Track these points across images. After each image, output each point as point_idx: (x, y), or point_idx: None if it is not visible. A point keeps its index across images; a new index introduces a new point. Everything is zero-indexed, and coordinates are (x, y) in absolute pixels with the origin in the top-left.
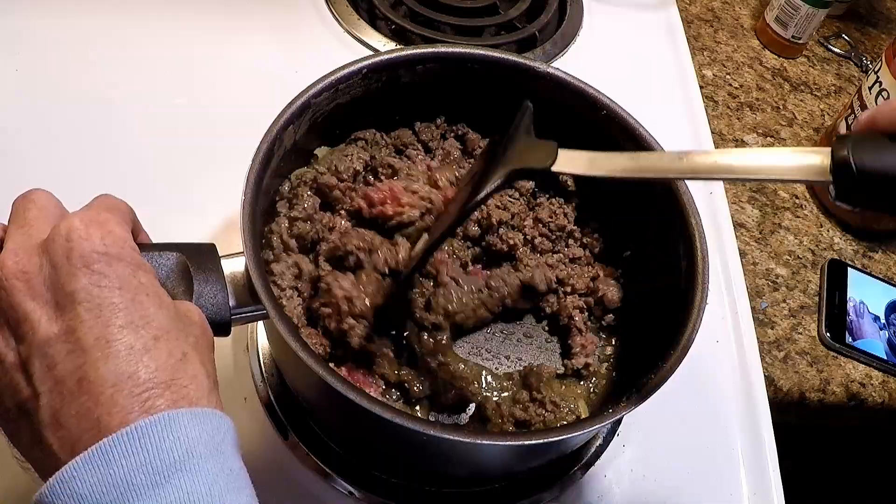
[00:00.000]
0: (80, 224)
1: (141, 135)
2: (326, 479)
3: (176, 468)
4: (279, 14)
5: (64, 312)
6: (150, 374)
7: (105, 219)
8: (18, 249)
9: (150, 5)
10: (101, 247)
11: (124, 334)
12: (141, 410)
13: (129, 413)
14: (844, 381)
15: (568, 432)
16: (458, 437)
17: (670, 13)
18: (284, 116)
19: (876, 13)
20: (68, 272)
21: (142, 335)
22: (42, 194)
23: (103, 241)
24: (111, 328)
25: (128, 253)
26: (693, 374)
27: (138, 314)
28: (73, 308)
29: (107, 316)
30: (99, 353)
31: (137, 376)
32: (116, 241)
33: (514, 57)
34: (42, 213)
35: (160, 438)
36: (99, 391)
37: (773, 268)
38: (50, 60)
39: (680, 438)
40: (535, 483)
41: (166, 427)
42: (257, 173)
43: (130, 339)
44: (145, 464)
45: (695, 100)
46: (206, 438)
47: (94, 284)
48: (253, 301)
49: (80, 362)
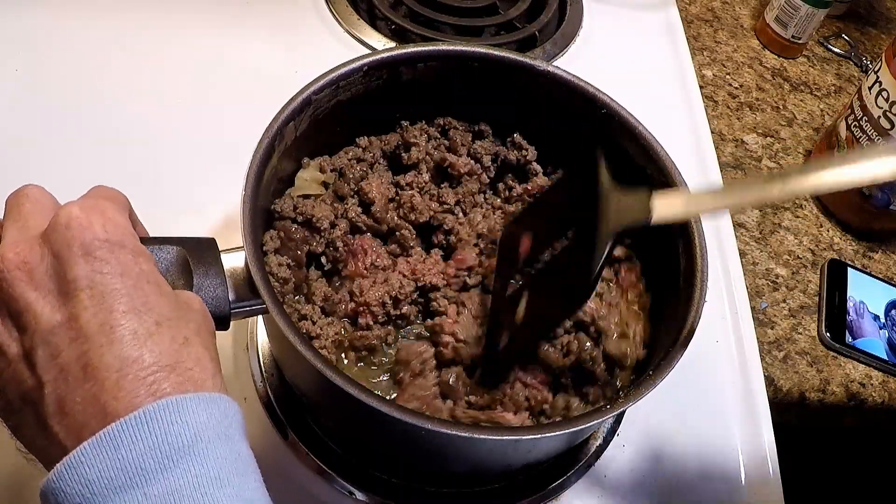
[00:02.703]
0: (79, 212)
1: (141, 134)
2: (326, 479)
3: (185, 452)
4: (279, 14)
5: (67, 300)
6: (154, 358)
7: (104, 206)
8: (18, 241)
9: (150, 5)
10: (103, 234)
11: (127, 319)
12: (147, 394)
13: (135, 397)
14: (844, 381)
15: (565, 428)
16: (456, 432)
17: (670, 13)
18: (286, 112)
19: (876, 13)
20: (70, 260)
21: (144, 320)
22: (34, 189)
23: (104, 229)
24: (114, 314)
25: (129, 240)
26: (693, 374)
27: (140, 300)
28: (75, 295)
29: (109, 302)
30: (103, 338)
31: (142, 360)
32: (117, 228)
33: (514, 55)
34: (36, 207)
35: (169, 422)
36: (104, 377)
37: (773, 268)
38: (50, 60)
39: (680, 438)
40: (535, 483)
41: (175, 411)
42: (258, 169)
43: (134, 325)
44: (154, 448)
45: (695, 100)
46: (214, 423)
47: (97, 271)
48: (252, 295)
49: (85, 349)
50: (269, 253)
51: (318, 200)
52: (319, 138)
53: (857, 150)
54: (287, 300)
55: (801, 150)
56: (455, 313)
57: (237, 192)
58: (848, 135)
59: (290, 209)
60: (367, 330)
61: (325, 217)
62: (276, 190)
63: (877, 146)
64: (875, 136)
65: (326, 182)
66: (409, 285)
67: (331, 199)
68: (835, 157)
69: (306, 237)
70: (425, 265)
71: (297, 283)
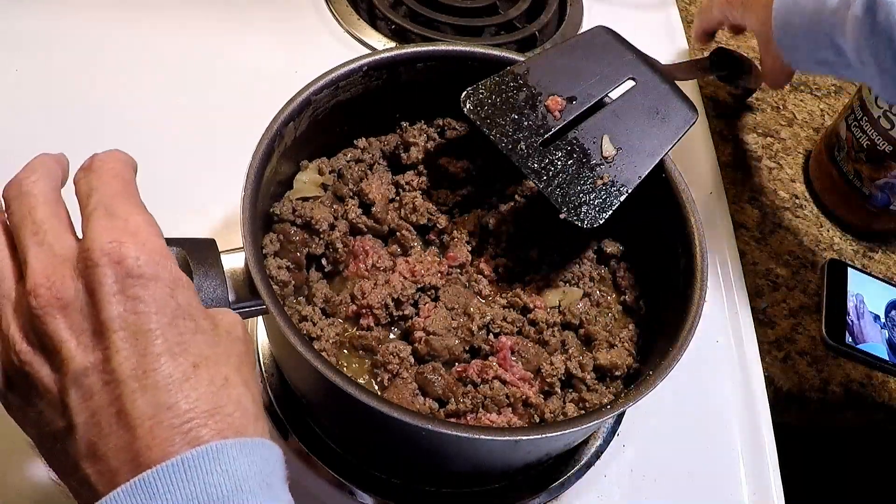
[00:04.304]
0: (110, 245)
1: (141, 134)
2: (326, 479)
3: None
4: (279, 14)
5: (100, 341)
6: (191, 404)
7: (135, 227)
8: (49, 272)
9: (150, 6)
10: (136, 269)
11: (161, 363)
12: (183, 442)
13: (170, 445)
14: (844, 381)
15: (565, 428)
16: (457, 432)
17: (670, 13)
18: (285, 113)
19: None
20: (103, 300)
21: (180, 363)
22: (38, 185)
23: (137, 262)
24: (148, 357)
25: (163, 270)
26: (693, 374)
27: (176, 340)
28: (108, 337)
29: (143, 344)
30: (136, 384)
31: (178, 407)
32: (151, 256)
33: (514, 55)
34: (50, 210)
35: (207, 471)
36: (136, 424)
37: (773, 268)
38: (50, 60)
39: (680, 438)
40: (535, 483)
41: (214, 459)
42: (257, 169)
43: (169, 368)
44: (191, 499)
45: (695, 99)
46: (255, 471)
47: (130, 311)
48: (252, 296)
49: (117, 394)
50: (269, 256)
51: (317, 202)
52: (319, 139)
53: (767, 147)
54: (287, 302)
55: (801, 150)
56: (428, 310)
57: (237, 192)
58: (848, 135)
59: (289, 212)
60: (367, 331)
61: (325, 219)
62: (274, 193)
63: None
64: (875, 135)
65: (325, 184)
66: (409, 287)
67: (330, 201)
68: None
69: (305, 239)
70: (423, 265)
71: (298, 285)
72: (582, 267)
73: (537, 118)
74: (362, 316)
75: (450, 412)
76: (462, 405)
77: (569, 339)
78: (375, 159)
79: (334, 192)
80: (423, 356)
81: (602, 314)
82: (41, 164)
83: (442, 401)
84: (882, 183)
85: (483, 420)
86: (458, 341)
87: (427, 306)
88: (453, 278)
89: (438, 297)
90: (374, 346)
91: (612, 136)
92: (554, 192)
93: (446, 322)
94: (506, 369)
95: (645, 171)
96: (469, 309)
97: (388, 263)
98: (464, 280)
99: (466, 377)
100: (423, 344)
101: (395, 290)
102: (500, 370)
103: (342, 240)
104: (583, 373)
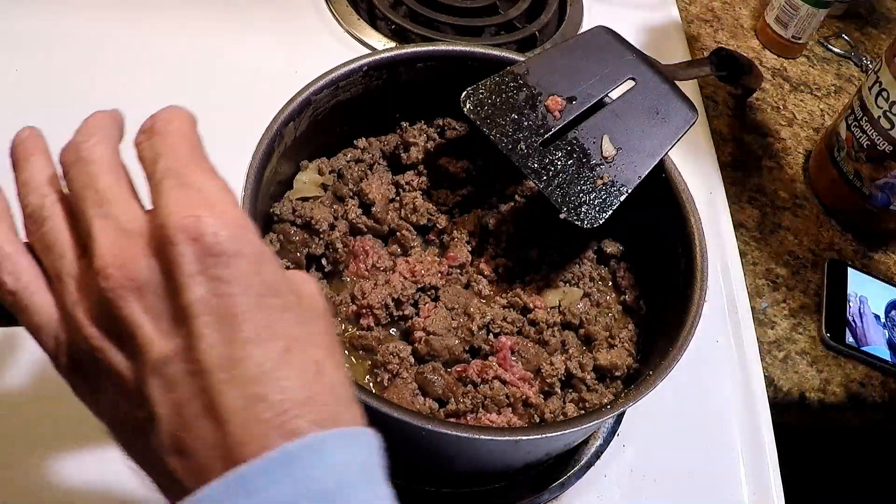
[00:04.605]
0: (185, 220)
1: None
2: None
3: (327, 500)
4: (279, 14)
5: (181, 326)
6: (284, 395)
7: (210, 197)
8: (118, 250)
9: (150, 6)
10: (216, 245)
11: (249, 350)
12: (279, 435)
13: (265, 437)
14: (844, 381)
15: (565, 428)
16: (457, 432)
17: (670, 13)
18: (285, 113)
19: (876, 13)
20: (182, 283)
21: (270, 349)
22: (97, 149)
23: (217, 238)
24: (234, 344)
25: (246, 244)
26: (693, 374)
27: (264, 323)
28: (190, 322)
29: (228, 330)
30: (224, 374)
31: (271, 398)
32: (232, 230)
33: (514, 55)
34: (113, 178)
35: (308, 465)
36: (227, 419)
37: (773, 268)
38: (50, 60)
39: (680, 438)
40: (535, 483)
41: (315, 452)
42: (257, 169)
43: (258, 355)
44: (293, 495)
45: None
46: (357, 464)
47: (212, 293)
48: None
49: (203, 385)
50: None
51: (317, 202)
52: (319, 139)
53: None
54: None
55: (801, 150)
56: (428, 310)
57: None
58: (848, 135)
59: (289, 212)
60: (367, 331)
61: (325, 219)
62: (274, 193)
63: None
64: (875, 135)
65: (325, 184)
66: (410, 287)
67: (330, 201)
68: None
69: (305, 239)
70: (423, 265)
71: None
72: (582, 267)
73: (537, 118)
74: (362, 316)
75: (450, 412)
76: (462, 405)
77: (569, 339)
78: (375, 159)
79: (334, 192)
80: (423, 356)
81: (602, 314)
82: (97, 125)
83: (442, 401)
84: (882, 183)
85: (483, 420)
86: (458, 341)
87: (427, 306)
88: (453, 278)
89: (438, 297)
90: (374, 346)
91: (612, 136)
92: (554, 192)
93: (446, 322)
94: (506, 369)
95: (645, 171)
96: (469, 309)
97: (388, 263)
98: (464, 280)
99: (466, 377)
100: (423, 344)
101: (395, 290)
102: (500, 370)
103: (342, 240)
104: (583, 373)
